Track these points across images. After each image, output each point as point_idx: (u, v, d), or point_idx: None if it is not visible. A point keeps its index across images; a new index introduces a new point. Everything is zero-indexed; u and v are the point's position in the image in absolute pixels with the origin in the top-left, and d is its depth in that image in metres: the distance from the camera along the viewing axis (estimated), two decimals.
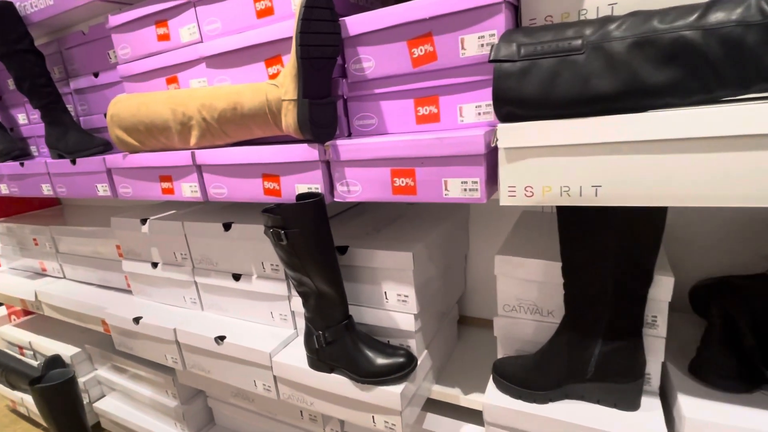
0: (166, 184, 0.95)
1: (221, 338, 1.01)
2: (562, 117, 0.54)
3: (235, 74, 0.87)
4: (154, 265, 1.18)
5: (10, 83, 1.38)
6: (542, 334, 0.77)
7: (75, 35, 1.15)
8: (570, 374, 0.70)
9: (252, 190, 0.84)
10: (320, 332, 0.83)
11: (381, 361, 0.81)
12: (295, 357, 0.92)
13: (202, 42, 0.90)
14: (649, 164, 0.50)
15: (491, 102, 0.66)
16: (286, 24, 0.77)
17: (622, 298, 0.65)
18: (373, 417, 0.84)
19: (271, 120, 0.78)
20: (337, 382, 0.85)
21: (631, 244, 0.63)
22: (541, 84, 0.53)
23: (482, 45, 0.63)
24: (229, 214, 1.10)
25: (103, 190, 1.09)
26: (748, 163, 0.46)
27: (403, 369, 0.80)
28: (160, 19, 0.93)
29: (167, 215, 1.17)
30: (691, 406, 0.64)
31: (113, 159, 1.02)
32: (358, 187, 0.73)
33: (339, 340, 0.83)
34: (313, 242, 0.75)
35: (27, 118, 1.40)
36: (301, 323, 0.99)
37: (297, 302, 0.96)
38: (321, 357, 0.85)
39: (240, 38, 0.82)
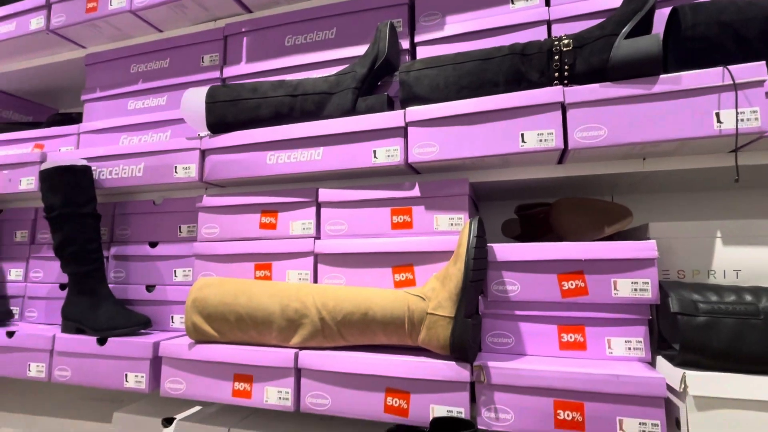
0: (241, 385, 0.82)
1: None
2: (747, 372, 0.59)
3: (353, 274, 0.86)
4: None
5: (18, 235, 1.22)
6: None
7: (140, 203, 1.10)
8: None
9: (368, 405, 0.75)
10: None
11: None
12: None
13: (318, 238, 0.90)
14: None
15: (641, 339, 0.72)
16: (424, 239, 0.82)
17: None
18: None
19: (407, 330, 0.75)
20: None
21: None
22: (728, 341, 0.60)
23: (635, 289, 0.71)
24: (253, 419, 0.94)
25: (135, 381, 0.89)
26: None
27: None
28: (269, 210, 0.94)
29: (198, 414, 0.97)
30: None
31: (171, 347, 0.87)
32: (509, 415, 0.69)
33: None
34: None
35: (23, 275, 1.19)
36: None
37: None
38: None
39: (371, 243, 0.85)
